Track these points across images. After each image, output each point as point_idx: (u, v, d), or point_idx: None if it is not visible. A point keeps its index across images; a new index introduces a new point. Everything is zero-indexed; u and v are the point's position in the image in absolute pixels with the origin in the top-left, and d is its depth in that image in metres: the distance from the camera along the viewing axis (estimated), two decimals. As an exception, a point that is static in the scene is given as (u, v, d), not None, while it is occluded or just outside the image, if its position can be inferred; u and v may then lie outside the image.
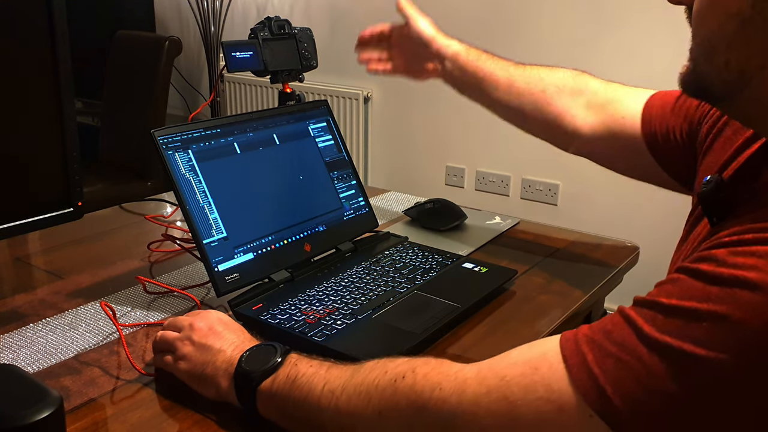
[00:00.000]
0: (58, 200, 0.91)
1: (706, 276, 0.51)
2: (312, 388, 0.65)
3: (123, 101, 2.65)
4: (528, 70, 1.06)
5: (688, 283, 0.52)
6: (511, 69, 1.07)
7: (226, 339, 0.74)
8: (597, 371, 0.52)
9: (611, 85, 1.02)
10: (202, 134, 0.95)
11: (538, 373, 0.55)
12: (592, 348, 0.53)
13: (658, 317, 0.51)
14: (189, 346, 0.74)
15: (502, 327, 0.92)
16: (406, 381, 0.61)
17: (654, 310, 0.52)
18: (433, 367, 0.61)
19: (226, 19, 3.13)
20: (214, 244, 0.91)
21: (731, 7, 0.53)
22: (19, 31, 0.84)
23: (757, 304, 0.47)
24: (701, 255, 0.53)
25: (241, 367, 0.70)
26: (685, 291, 0.51)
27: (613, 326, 0.54)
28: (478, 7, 2.48)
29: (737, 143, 0.71)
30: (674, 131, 0.91)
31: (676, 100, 0.92)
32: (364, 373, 0.64)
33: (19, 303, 0.96)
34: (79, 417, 0.71)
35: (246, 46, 1.14)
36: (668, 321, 0.51)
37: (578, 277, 1.06)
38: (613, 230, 1.38)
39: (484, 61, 1.08)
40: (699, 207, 0.70)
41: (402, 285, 0.96)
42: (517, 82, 1.05)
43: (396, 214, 1.33)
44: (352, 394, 0.63)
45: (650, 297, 0.54)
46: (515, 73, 1.06)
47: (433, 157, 2.71)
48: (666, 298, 0.52)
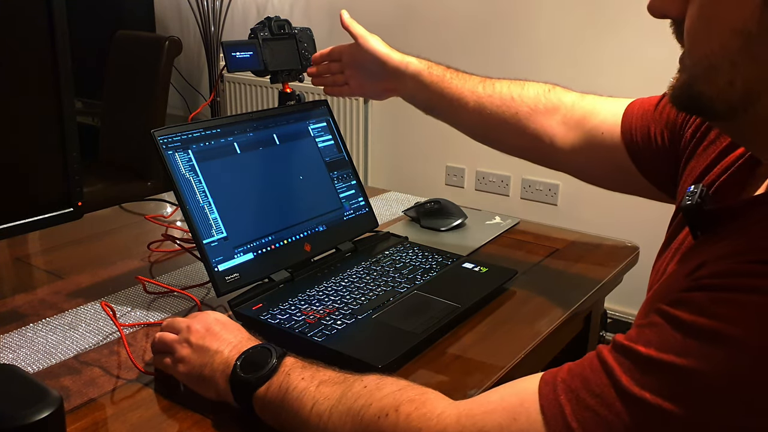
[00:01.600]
0: (58, 200, 0.91)
1: (684, 326, 0.49)
2: (301, 406, 0.66)
3: (123, 101, 2.65)
4: (498, 89, 1.01)
5: (667, 332, 0.50)
6: (479, 89, 1.01)
7: (223, 340, 0.74)
8: (575, 426, 0.51)
9: (586, 98, 0.99)
10: (202, 134, 0.95)
11: (516, 423, 0.55)
12: (570, 399, 0.53)
13: (635, 369, 0.50)
14: (186, 349, 0.74)
15: (502, 327, 0.92)
16: (389, 420, 0.61)
17: (631, 360, 0.51)
18: (417, 408, 0.61)
19: (226, 19, 3.13)
20: (214, 244, 0.91)
21: (735, 23, 0.50)
22: (19, 31, 0.84)
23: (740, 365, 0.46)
24: (681, 297, 0.51)
25: (236, 373, 0.70)
26: (663, 342, 0.50)
27: (591, 373, 0.53)
28: (475, 8, 2.48)
29: (720, 146, 0.70)
30: (655, 137, 0.88)
31: (656, 105, 0.90)
32: (351, 399, 0.64)
33: (19, 303, 0.96)
34: (79, 417, 0.71)
35: (246, 46, 1.14)
36: (646, 374, 0.50)
37: (578, 277, 1.06)
38: (613, 230, 1.37)
39: (450, 81, 1.02)
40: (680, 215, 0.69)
41: (402, 285, 0.96)
42: (487, 104, 1.00)
43: (396, 214, 1.33)
44: (338, 423, 0.63)
45: (629, 342, 0.52)
46: (484, 94, 1.00)
47: (433, 157, 2.71)
48: (645, 347, 0.50)
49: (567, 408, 0.52)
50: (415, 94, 1.05)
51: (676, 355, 0.48)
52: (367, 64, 1.07)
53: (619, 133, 0.93)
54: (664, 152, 0.87)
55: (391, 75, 1.06)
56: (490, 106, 1.00)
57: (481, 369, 0.82)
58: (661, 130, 0.87)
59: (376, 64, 1.06)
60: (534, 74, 2.65)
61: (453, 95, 1.02)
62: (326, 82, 1.15)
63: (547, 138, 0.98)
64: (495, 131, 1.02)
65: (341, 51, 1.11)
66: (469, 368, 0.82)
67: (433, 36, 2.57)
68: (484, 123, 1.02)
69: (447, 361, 0.83)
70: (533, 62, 2.38)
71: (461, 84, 1.02)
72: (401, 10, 2.62)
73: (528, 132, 0.99)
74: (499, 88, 1.01)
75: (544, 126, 0.98)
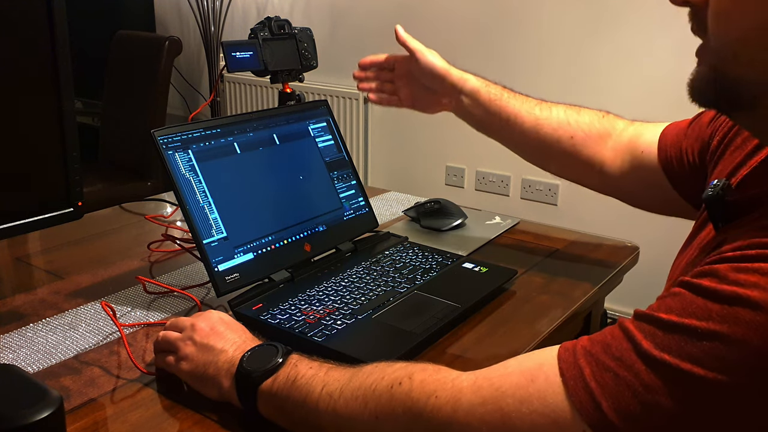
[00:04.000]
0: (58, 200, 0.91)
1: (707, 292, 0.50)
2: (311, 390, 0.65)
3: (123, 101, 2.65)
4: (555, 113, 1.03)
5: (689, 298, 0.51)
6: (536, 111, 1.03)
7: (227, 339, 0.74)
8: (594, 386, 0.52)
9: (634, 124, 1.01)
10: (202, 134, 0.95)
11: (534, 384, 0.55)
12: (589, 362, 0.53)
13: (657, 333, 0.51)
14: (191, 347, 0.74)
15: (502, 327, 0.92)
16: (403, 387, 0.61)
17: (653, 325, 0.52)
18: (430, 374, 0.61)
19: (226, 19, 3.13)
20: (214, 244, 0.91)
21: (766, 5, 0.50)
22: (19, 31, 0.84)
23: (758, 324, 0.47)
24: (703, 270, 0.52)
25: (242, 366, 0.70)
26: (685, 307, 0.51)
27: (612, 339, 0.54)
28: (476, 9, 2.48)
29: (747, 150, 0.70)
30: (687, 153, 0.90)
31: (689, 124, 0.91)
32: (361, 377, 0.64)
33: (19, 303, 0.96)
34: (79, 417, 0.71)
35: (246, 46, 1.14)
36: (667, 338, 0.50)
37: (578, 277, 1.06)
38: (613, 230, 1.38)
39: (507, 101, 1.04)
40: (705, 212, 0.70)
41: (402, 285, 0.96)
42: (544, 126, 1.02)
43: (396, 214, 1.33)
44: (350, 398, 0.63)
45: (650, 311, 0.53)
46: (541, 116, 1.02)
47: (433, 157, 2.71)
48: (666, 314, 0.51)
49: (587, 370, 0.53)
50: (471, 111, 1.06)
51: (698, 319, 0.49)
52: (423, 78, 1.09)
53: (656, 155, 0.94)
54: (696, 170, 0.88)
55: (448, 91, 1.07)
56: (547, 128, 1.02)
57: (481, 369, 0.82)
58: (692, 148, 0.89)
59: (433, 79, 1.07)
60: (534, 74, 2.65)
61: (510, 114, 1.04)
62: (374, 88, 1.15)
63: (598, 163, 1.01)
64: (549, 153, 1.04)
65: (396, 61, 1.12)
66: (469, 368, 0.82)
67: (433, 36, 2.57)
68: (540, 144, 1.03)
69: (447, 361, 0.82)
70: (534, 62, 2.38)
71: (518, 104, 1.04)
72: (401, 10, 2.62)
73: (581, 157, 1.01)
74: (556, 112, 1.03)
75: (596, 151, 1.01)
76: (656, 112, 2.13)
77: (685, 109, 0.72)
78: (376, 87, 1.15)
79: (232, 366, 0.71)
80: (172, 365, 0.76)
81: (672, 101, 2.14)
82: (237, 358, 0.71)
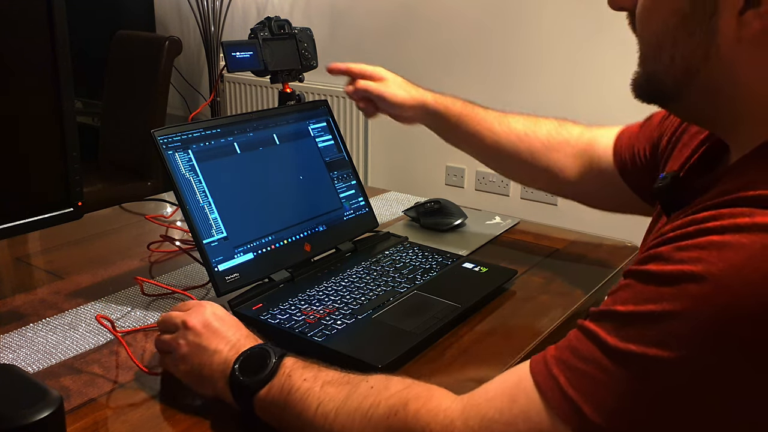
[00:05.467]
0: (58, 200, 0.91)
1: (655, 277, 0.52)
2: (305, 408, 0.66)
3: (123, 101, 2.65)
4: (513, 125, 1.08)
5: (639, 287, 0.53)
6: (495, 126, 1.09)
7: (221, 337, 0.74)
8: (572, 393, 0.53)
9: (591, 129, 1.06)
10: (202, 134, 0.95)
11: (516, 405, 0.56)
12: (562, 369, 0.54)
13: (617, 327, 0.52)
14: (185, 347, 0.74)
15: (502, 327, 0.92)
16: (398, 418, 0.61)
17: (612, 320, 0.53)
18: (423, 404, 0.61)
19: (226, 19, 3.13)
20: (214, 244, 0.91)
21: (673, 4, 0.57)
22: (19, 31, 0.84)
23: (706, 294, 0.48)
24: (648, 254, 0.54)
25: (235, 375, 0.70)
26: (638, 296, 0.52)
27: (577, 342, 0.55)
28: (475, 9, 2.48)
29: (693, 145, 0.74)
30: (639, 154, 0.96)
31: (641, 126, 0.97)
32: (357, 399, 0.64)
33: (19, 303, 0.96)
34: (79, 417, 0.71)
35: (246, 46, 1.14)
36: (628, 329, 0.51)
37: (578, 277, 1.06)
38: (613, 230, 1.37)
39: (467, 118, 1.09)
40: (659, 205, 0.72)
41: (402, 285, 0.96)
42: (503, 140, 1.08)
43: (396, 214, 1.33)
44: (345, 422, 0.63)
45: (606, 307, 0.54)
46: (500, 131, 1.08)
47: (433, 157, 2.71)
48: (622, 306, 0.53)
49: (561, 378, 0.54)
50: (435, 128, 1.14)
51: (653, 303, 0.51)
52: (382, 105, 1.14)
53: (612, 159, 1.01)
54: (649, 168, 0.93)
55: (410, 113, 1.13)
56: (506, 142, 1.09)
57: (481, 369, 0.82)
58: (644, 147, 0.95)
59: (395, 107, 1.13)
60: (534, 74, 2.66)
61: (469, 132, 1.10)
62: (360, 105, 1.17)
63: (558, 170, 1.06)
64: (509, 165, 1.12)
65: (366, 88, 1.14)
66: (469, 368, 0.82)
67: (433, 36, 2.57)
68: (500, 157, 1.10)
69: (447, 361, 0.83)
70: (534, 62, 2.38)
71: (477, 121, 1.10)
72: (401, 10, 2.62)
73: (540, 166, 1.07)
74: (514, 125, 1.09)
75: (554, 160, 1.07)
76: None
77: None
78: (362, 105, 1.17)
79: (227, 368, 0.71)
80: (170, 366, 0.76)
81: (672, 101, 2.15)
82: (231, 359, 0.71)
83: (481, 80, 2.50)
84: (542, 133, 1.07)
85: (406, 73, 1.17)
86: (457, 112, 1.10)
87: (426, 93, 1.12)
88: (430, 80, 1.22)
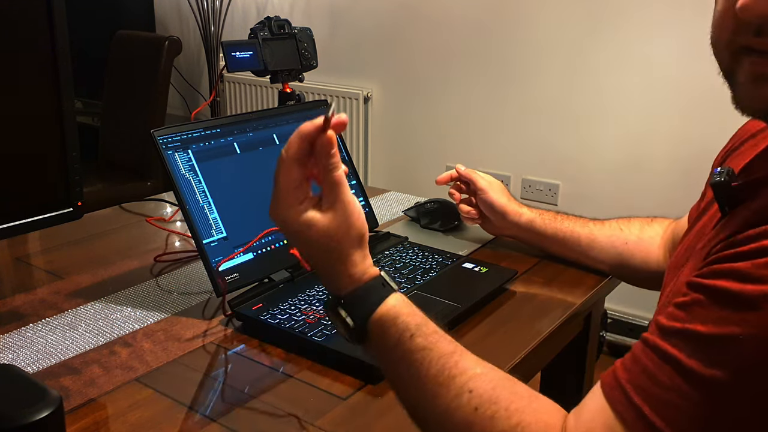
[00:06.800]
0: (58, 200, 0.91)
1: (735, 297, 0.49)
2: (409, 350, 0.66)
3: (123, 101, 2.65)
4: (607, 224, 1.08)
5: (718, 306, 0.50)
6: (590, 225, 1.08)
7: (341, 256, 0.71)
8: (659, 423, 0.51)
9: (676, 221, 1.03)
10: (201, 134, 0.95)
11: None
12: (644, 399, 0.52)
13: (698, 350, 0.50)
14: (304, 250, 0.70)
15: (502, 327, 0.92)
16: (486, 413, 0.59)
17: (690, 341, 0.51)
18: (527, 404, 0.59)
19: (226, 19, 3.13)
20: (214, 244, 0.91)
21: None
22: (19, 31, 0.84)
23: None
24: (720, 269, 0.51)
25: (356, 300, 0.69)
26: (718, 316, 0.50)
27: (654, 367, 0.53)
28: (475, 9, 2.48)
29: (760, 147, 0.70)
30: None
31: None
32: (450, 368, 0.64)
33: (19, 303, 0.96)
34: (79, 417, 0.71)
35: (246, 46, 1.14)
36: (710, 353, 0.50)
37: (578, 277, 1.06)
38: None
39: (561, 222, 1.09)
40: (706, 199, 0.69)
41: (402, 285, 0.96)
42: (598, 236, 1.07)
43: (396, 214, 1.33)
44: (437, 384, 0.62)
45: (680, 324, 0.52)
46: (595, 228, 1.08)
47: (433, 157, 2.71)
48: (702, 326, 0.51)
49: (645, 408, 0.52)
50: (529, 239, 1.12)
51: (735, 326, 0.49)
52: (484, 209, 1.13)
53: None
54: None
55: (509, 226, 1.12)
56: (601, 237, 1.07)
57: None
58: None
59: (494, 213, 1.12)
60: (534, 74, 2.65)
61: (565, 233, 1.08)
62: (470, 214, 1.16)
63: (653, 263, 1.02)
64: (607, 260, 1.06)
65: (469, 180, 1.16)
66: (469, 368, 0.82)
67: (433, 36, 2.57)
68: (595, 252, 1.07)
69: (447, 361, 0.82)
70: (534, 62, 2.38)
71: (571, 223, 1.09)
72: (401, 10, 2.62)
73: (636, 259, 1.03)
74: (608, 224, 1.08)
75: (648, 252, 1.03)
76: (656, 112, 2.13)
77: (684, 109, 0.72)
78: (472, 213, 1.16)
79: (357, 282, 0.71)
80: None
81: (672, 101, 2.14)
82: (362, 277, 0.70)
83: (481, 80, 2.50)
84: (635, 227, 1.06)
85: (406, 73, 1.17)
86: (551, 216, 1.10)
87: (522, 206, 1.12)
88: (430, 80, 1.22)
